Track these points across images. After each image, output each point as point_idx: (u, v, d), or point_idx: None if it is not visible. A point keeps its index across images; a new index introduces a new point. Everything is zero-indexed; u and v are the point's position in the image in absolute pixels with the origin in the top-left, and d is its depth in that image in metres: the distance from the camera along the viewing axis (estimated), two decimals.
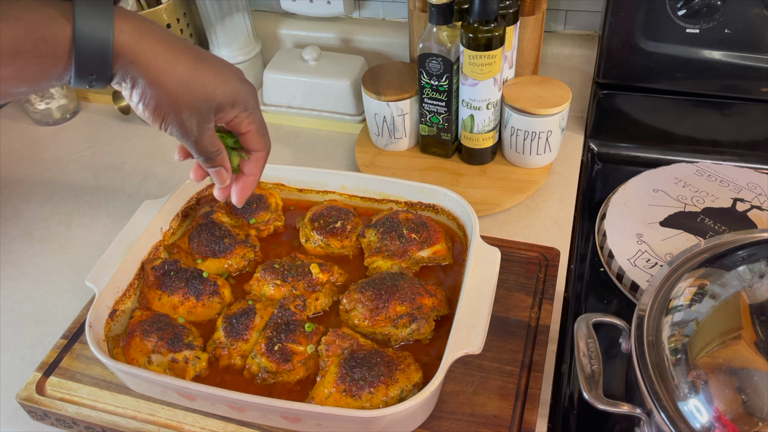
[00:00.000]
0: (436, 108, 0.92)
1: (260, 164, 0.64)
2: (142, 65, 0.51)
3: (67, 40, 0.47)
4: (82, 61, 0.48)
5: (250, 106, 0.58)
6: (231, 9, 1.06)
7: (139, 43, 0.50)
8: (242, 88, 0.57)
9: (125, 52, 0.49)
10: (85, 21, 0.47)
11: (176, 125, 0.54)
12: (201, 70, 0.54)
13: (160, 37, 0.52)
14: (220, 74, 0.55)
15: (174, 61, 0.52)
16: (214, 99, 0.55)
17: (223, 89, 0.55)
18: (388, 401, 0.60)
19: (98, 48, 0.48)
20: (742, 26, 0.84)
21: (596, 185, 0.96)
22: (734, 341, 0.55)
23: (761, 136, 0.93)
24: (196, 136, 0.56)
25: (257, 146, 0.63)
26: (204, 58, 0.55)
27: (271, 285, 0.72)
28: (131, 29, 0.49)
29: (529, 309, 0.72)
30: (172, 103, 0.53)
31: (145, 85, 0.52)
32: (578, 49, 1.03)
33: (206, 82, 0.54)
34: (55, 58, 0.47)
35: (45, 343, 0.78)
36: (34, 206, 1.00)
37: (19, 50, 0.46)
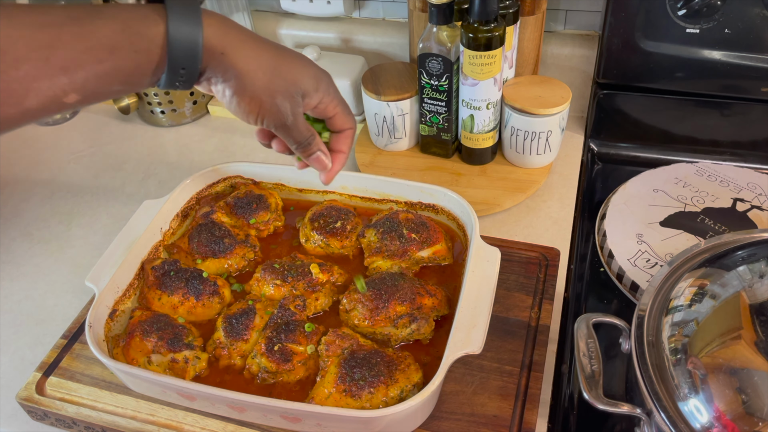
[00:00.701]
0: (436, 108, 0.92)
1: (349, 141, 0.66)
2: (232, 56, 0.53)
3: (161, 35, 0.49)
4: (175, 54, 0.50)
5: (331, 90, 0.61)
6: (231, 9, 1.06)
7: (226, 37, 0.52)
8: (322, 74, 0.60)
9: (214, 45, 0.52)
10: (176, 18, 0.50)
11: (272, 111, 0.56)
12: (284, 58, 0.56)
13: (242, 30, 0.55)
14: (300, 62, 0.58)
15: (259, 50, 0.54)
16: (301, 83, 0.57)
17: (307, 74, 0.58)
18: (388, 401, 0.60)
19: (190, 42, 0.50)
20: (742, 26, 0.84)
21: (596, 185, 0.96)
22: (734, 341, 0.55)
23: (761, 136, 0.93)
24: (291, 121, 0.58)
25: (345, 125, 0.64)
26: (283, 48, 0.58)
27: (271, 285, 0.72)
28: (217, 25, 0.52)
29: (529, 309, 0.72)
30: (266, 88, 0.55)
31: (238, 75, 0.54)
32: (578, 49, 1.03)
33: (292, 68, 0.56)
34: (149, 54, 0.49)
35: (45, 343, 0.78)
36: (34, 206, 1.00)
37: (116, 46, 0.47)
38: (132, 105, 1.11)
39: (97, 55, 0.47)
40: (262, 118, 0.57)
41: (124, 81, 0.50)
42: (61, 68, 0.45)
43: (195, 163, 1.06)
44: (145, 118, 1.15)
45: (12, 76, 0.43)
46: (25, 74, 0.44)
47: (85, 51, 0.46)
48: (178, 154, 1.08)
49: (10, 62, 0.43)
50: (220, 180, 0.85)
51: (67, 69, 0.45)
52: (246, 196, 0.82)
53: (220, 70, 0.53)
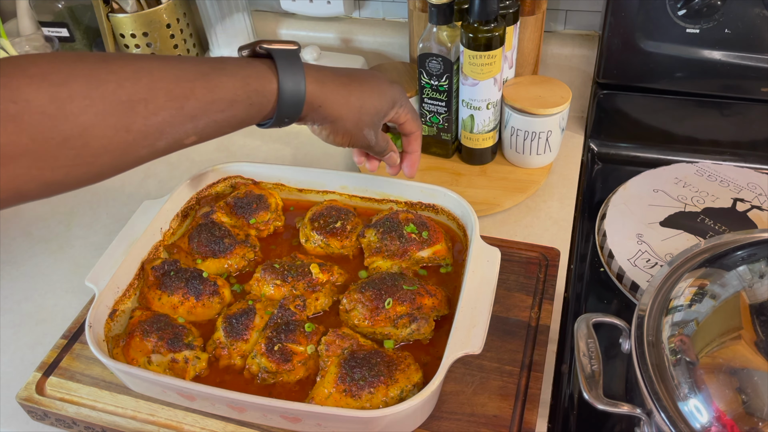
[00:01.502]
0: (436, 108, 0.92)
1: (418, 141, 0.76)
2: (327, 107, 0.62)
3: (274, 93, 0.58)
4: (284, 108, 0.59)
5: (403, 102, 0.71)
6: (231, 9, 1.06)
7: (322, 90, 0.61)
8: (395, 92, 0.69)
9: (313, 99, 0.61)
10: (286, 76, 0.58)
11: (361, 140, 0.68)
12: (366, 93, 0.66)
13: (334, 79, 0.63)
14: (379, 88, 0.67)
15: (348, 94, 0.64)
16: (381, 111, 0.68)
17: (385, 100, 0.68)
18: (388, 401, 0.60)
19: (296, 98, 0.59)
20: (742, 26, 0.84)
21: (596, 185, 0.96)
22: (734, 341, 0.55)
23: (761, 136, 0.93)
24: (375, 142, 0.70)
25: (413, 129, 0.74)
26: (365, 80, 0.67)
27: (271, 285, 0.72)
28: (316, 80, 0.61)
29: (529, 309, 0.72)
30: (355, 126, 0.66)
31: (333, 121, 0.64)
32: (578, 49, 1.03)
33: (373, 101, 0.66)
34: (261, 107, 0.57)
35: (45, 343, 0.78)
36: (34, 206, 1.00)
37: (235, 99, 0.55)
38: None
39: (220, 107, 0.54)
40: (352, 145, 0.68)
41: (236, 126, 0.57)
42: (190, 116, 0.52)
43: (195, 163, 1.06)
44: None
45: (151, 121, 0.50)
46: (162, 120, 0.50)
47: (211, 103, 0.53)
48: (178, 154, 1.08)
49: (152, 110, 0.50)
50: (220, 180, 0.85)
51: (194, 117, 0.53)
52: (246, 196, 0.82)
53: (317, 119, 0.63)
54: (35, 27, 1.16)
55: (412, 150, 0.76)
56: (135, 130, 0.49)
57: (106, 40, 1.04)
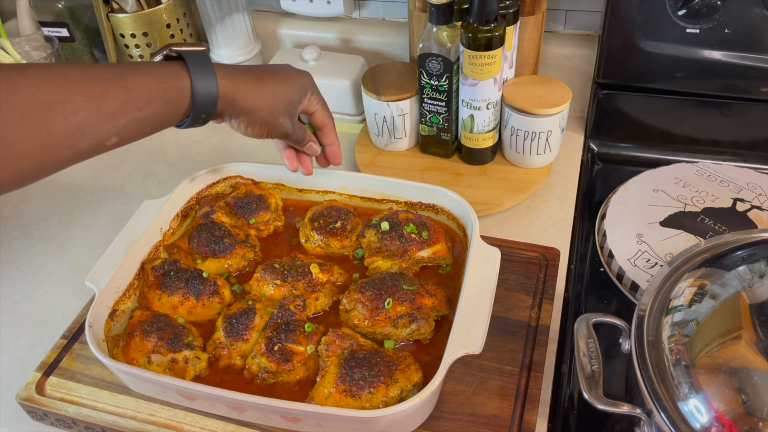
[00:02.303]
0: (436, 108, 0.92)
1: (333, 134, 0.78)
2: (241, 100, 0.65)
3: (187, 89, 0.60)
4: (199, 104, 0.61)
5: (314, 90, 0.73)
6: (231, 9, 1.06)
7: (234, 84, 0.64)
8: (305, 79, 0.72)
9: (226, 93, 0.64)
10: (197, 74, 0.61)
11: (278, 129, 0.70)
12: (277, 82, 0.69)
13: (245, 74, 0.66)
14: (289, 78, 0.70)
15: (260, 86, 0.67)
16: (294, 98, 0.70)
17: (295, 88, 0.70)
18: (388, 401, 0.60)
19: (209, 93, 0.62)
20: (742, 26, 0.84)
21: (596, 185, 0.96)
22: (734, 341, 0.55)
23: (761, 136, 0.93)
24: (292, 130, 0.72)
25: (325, 121, 0.76)
26: (275, 71, 0.70)
27: (271, 285, 0.72)
28: (227, 76, 0.64)
29: (529, 309, 0.72)
30: (270, 115, 0.68)
31: (248, 112, 0.67)
32: (578, 49, 1.03)
33: (285, 89, 0.69)
34: (178, 104, 0.60)
35: (45, 343, 0.78)
36: (34, 206, 1.00)
37: (152, 97, 0.57)
38: None
39: (137, 105, 0.56)
40: (270, 135, 0.71)
41: (156, 125, 0.59)
42: (109, 116, 0.54)
43: (195, 163, 1.06)
44: None
45: (71, 122, 0.52)
46: (81, 121, 0.52)
47: (128, 101, 0.55)
48: (178, 154, 1.08)
49: (70, 110, 0.52)
50: (220, 180, 0.85)
51: (113, 116, 0.54)
52: (246, 196, 0.82)
53: (233, 112, 0.66)
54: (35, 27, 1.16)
55: (329, 143, 0.79)
56: (56, 131, 0.51)
57: (106, 40, 1.04)
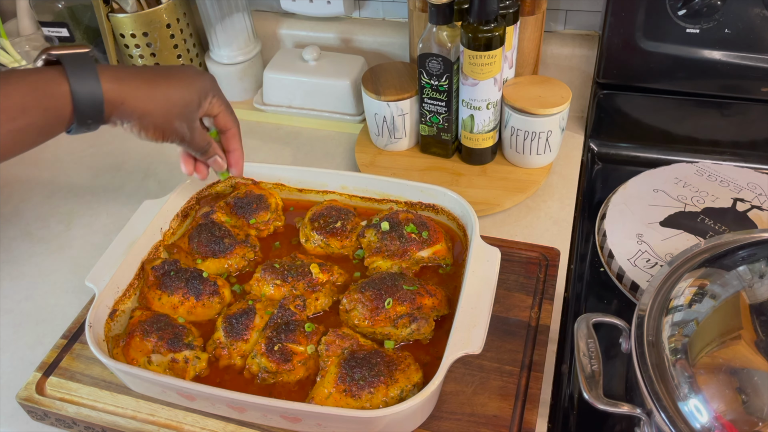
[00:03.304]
0: (436, 108, 0.92)
1: (237, 139, 0.75)
2: (130, 103, 0.62)
3: (67, 95, 0.57)
4: (82, 109, 0.58)
5: (215, 93, 0.70)
6: (231, 9, 1.06)
7: (122, 87, 0.61)
8: (205, 81, 0.69)
9: (114, 97, 0.60)
10: (77, 79, 0.57)
11: (173, 133, 0.67)
12: (173, 85, 0.65)
13: (136, 76, 0.63)
14: (186, 80, 0.67)
15: (152, 89, 0.63)
16: (191, 102, 0.67)
17: (193, 90, 0.67)
18: (388, 401, 0.60)
19: (93, 99, 0.58)
20: (742, 26, 0.84)
21: (596, 185, 0.96)
22: (734, 341, 0.55)
23: (761, 136, 0.93)
24: (190, 136, 0.68)
25: (228, 124, 0.73)
26: (171, 74, 0.67)
27: (271, 285, 0.72)
28: (113, 78, 0.60)
29: (529, 309, 0.72)
30: (164, 119, 0.65)
31: (139, 116, 0.63)
32: (578, 49, 1.03)
33: (181, 92, 0.66)
34: (58, 111, 0.57)
35: (45, 343, 0.78)
36: (34, 206, 1.00)
37: (26, 106, 0.55)
38: None
39: (10, 115, 0.53)
40: (165, 139, 0.67)
41: (38, 134, 0.57)
42: None
43: None
44: None
45: None
46: None
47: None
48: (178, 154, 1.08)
49: None
50: (220, 180, 0.85)
51: None
52: (246, 196, 0.82)
53: (123, 116, 0.63)
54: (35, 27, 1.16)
55: (232, 148, 0.75)
56: None
57: (106, 40, 1.04)
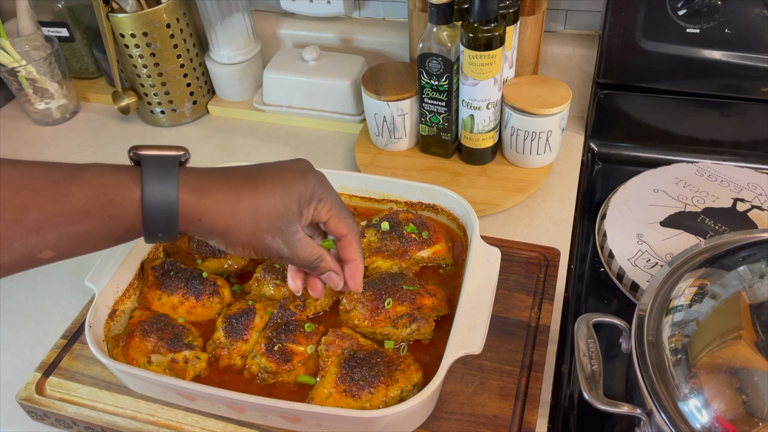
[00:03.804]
0: (436, 108, 0.92)
1: (354, 247, 0.62)
2: (210, 220, 0.53)
3: (136, 203, 0.51)
4: (150, 222, 0.51)
5: (322, 195, 0.58)
6: (231, 9, 1.06)
7: (200, 200, 0.53)
8: (307, 183, 0.57)
9: (190, 213, 0.52)
10: (152, 186, 0.51)
11: (265, 250, 0.56)
12: (264, 193, 0.55)
13: (221, 184, 0.54)
14: (282, 185, 0.56)
15: (236, 201, 0.54)
16: (287, 212, 0.55)
17: (290, 197, 0.56)
18: (388, 401, 0.60)
19: (165, 211, 0.51)
20: (742, 26, 0.84)
21: (596, 185, 0.96)
22: (734, 341, 0.55)
23: (761, 136, 0.93)
24: (289, 252, 0.57)
25: (342, 231, 0.60)
26: (263, 178, 0.56)
27: (271, 285, 0.72)
28: (193, 188, 0.53)
29: (529, 309, 0.72)
30: (251, 236, 0.55)
31: (221, 234, 0.54)
32: (578, 49, 1.03)
33: (274, 202, 0.55)
34: (124, 220, 0.51)
35: (45, 343, 0.78)
36: None
37: (88, 211, 0.49)
38: (132, 105, 1.11)
39: (69, 219, 0.49)
40: (258, 256, 0.57)
41: (100, 241, 0.51)
42: (33, 229, 0.47)
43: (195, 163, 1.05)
44: (145, 118, 1.15)
45: None
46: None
47: (57, 215, 0.48)
48: None
49: None
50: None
51: (39, 229, 0.48)
52: None
53: (201, 233, 0.54)
54: (35, 27, 1.16)
55: (349, 258, 0.62)
56: None
57: (106, 40, 1.04)
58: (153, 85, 1.08)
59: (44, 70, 1.11)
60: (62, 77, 1.14)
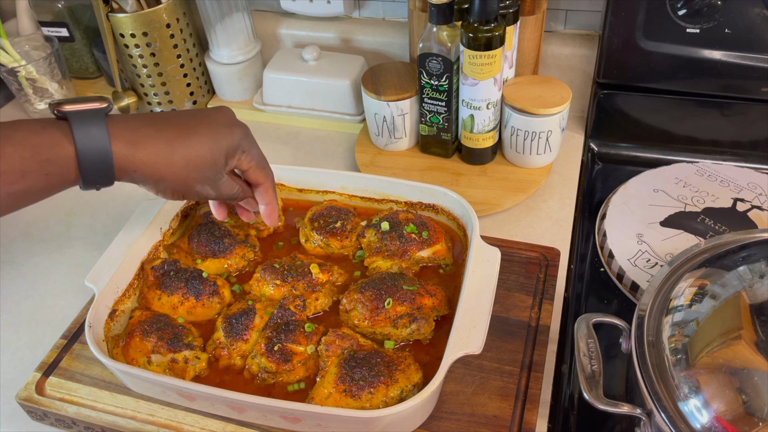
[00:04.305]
0: (436, 108, 0.92)
1: (270, 192, 0.69)
2: (144, 170, 0.57)
3: (71, 160, 0.53)
4: (88, 175, 0.54)
5: (246, 147, 0.64)
6: (231, 9, 1.06)
7: (137, 154, 0.56)
8: (234, 136, 0.62)
9: (126, 164, 0.55)
10: (85, 142, 0.53)
11: (194, 196, 0.62)
12: (195, 145, 0.59)
13: (152, 135, 0.57)
14: (212, 138, 0.60)
15: (170, 152, 0.57)
16: (215, 163, 0.61)
17: (219, 149, 0.61)
18: (388, 401, 0.60)
19: (101, 165, 0.54)
20: (742, 26, 0.84)
21: (596, 185, 0.96)
22: (734, 341, 0.55)
23: (761, 136, 0.93)
24: (215, 194, 0.64)
25: (260, 180, 0.67)
26: (195, 130, 0.60)
27: (271, 285, 0.72)
28: (126, 143, 0.55)
29: (529, 309, 0.72)
30: (183, 183, 0.59)
31: (155, 182, 0.58)
32: (578, 49, 1.03)
33: (204, 154, 0.60)
34: (61, 176, 0.53)
35: (45, 343, 0.78)
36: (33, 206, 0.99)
37: (26, 171, 0.51)
38: (132, 105, 1.11)
39: (8, 179, 0.50)
40: (184, 199, 0.63)
41: (39, 195, 0.54)
42: None
43: None
44: None
45: None
46: None
47: None
48: None
49: None
50: None
51: None
52: None
53: (135, 181, 0.58)
54: (35, 27, 1.16)
55: (265, 202, 0.69)
56: None
57: (106, 40, 1.04)
58: (153, 85, 1.08)
59: (44, 70, 1.11)
60: (62, 77, 1.14)
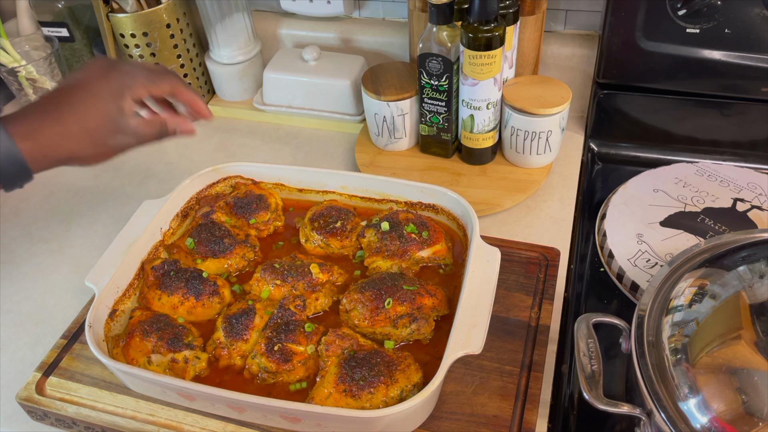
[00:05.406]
0: (436, 108, 0.92)
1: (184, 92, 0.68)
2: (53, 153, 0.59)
3: None
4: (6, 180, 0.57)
5: (129, 84, 0.63)
6: (231, 9, 1.06)
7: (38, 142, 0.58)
8: (112, 83, 0.62)
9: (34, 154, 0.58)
10: None
11: (117, 151, 0.64)
12: (82, 111, 0.61)
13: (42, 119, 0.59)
14: (94, 96, 0.61)
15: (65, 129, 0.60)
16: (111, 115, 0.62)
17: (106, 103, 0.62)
18: (388, 401, 0.60)
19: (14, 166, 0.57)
20: (742, 26, 0.84)
21: (596, 185, 0.96)
22: (734, 341, 0.55)
23: (761, 136, 0.93)
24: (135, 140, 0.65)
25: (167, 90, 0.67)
26: (78, 98, 0.61)
27: (271, 285, 0.72)
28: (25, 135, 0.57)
29: (529, 309, 0.72)
30: (96, 148, 0.62)
31: (69, 159, 0.61)
32: (578, 49, 1.03)
33: (96, 113, 0.61)
34: None
35: (45, 343, 0.78)
36: (34, 206, 1.00)
37: None
38: None
39: None
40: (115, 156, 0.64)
41: None
42: None
43: (195, 163, 1.06)
44: None
45: None
46: None
47: None
48: (178, 154, 1.08)
49: None
50: (220, 180, 0.85)
51: None
52: (246, 196, 0.82)
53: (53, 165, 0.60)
54: (35, 27, 1.16)
55: (187, 101, 0.69)
56: None
57: (106, 40, 1.04)
58: None
59: (44, 70, 1.11)
60: (62, 77, 1.14)
